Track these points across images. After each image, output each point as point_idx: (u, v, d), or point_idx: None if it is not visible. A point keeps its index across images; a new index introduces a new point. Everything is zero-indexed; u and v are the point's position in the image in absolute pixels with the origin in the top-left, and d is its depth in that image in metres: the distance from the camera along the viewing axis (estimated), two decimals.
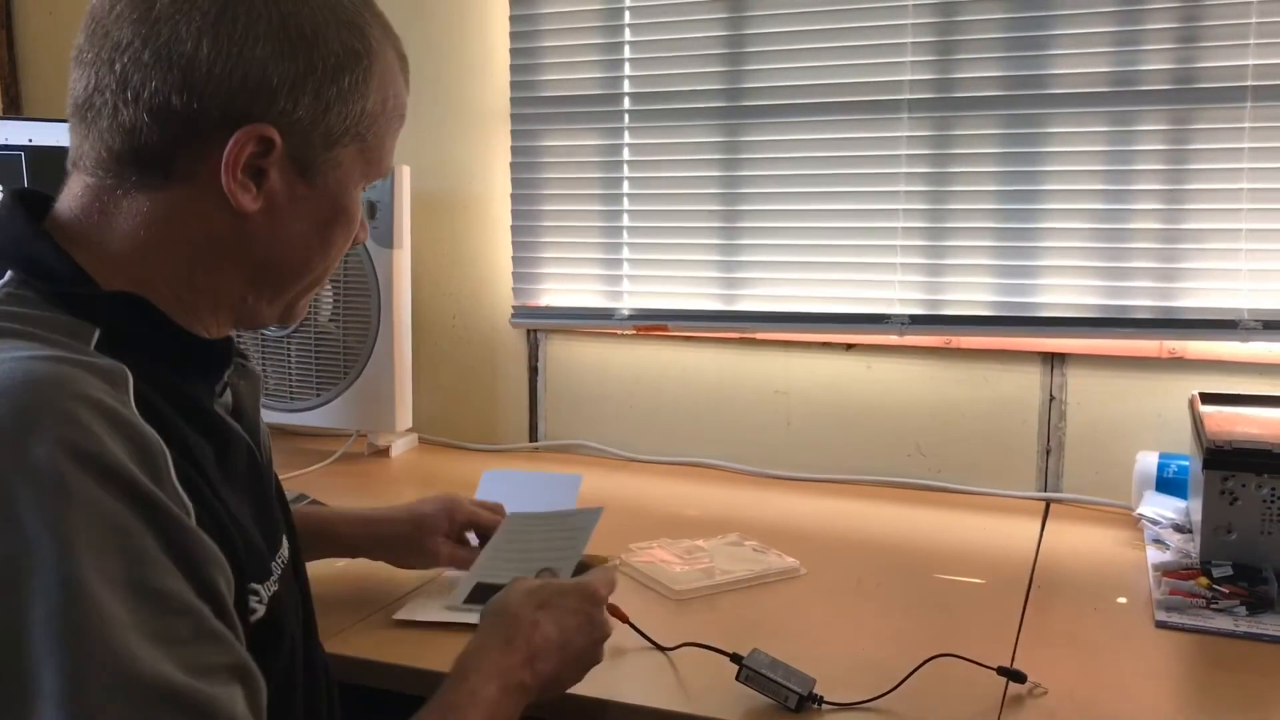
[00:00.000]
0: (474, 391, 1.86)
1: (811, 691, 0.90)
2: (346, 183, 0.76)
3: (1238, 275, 1.43)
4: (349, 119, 0.73)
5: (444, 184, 1.83)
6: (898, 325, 1.57)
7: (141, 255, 0.70)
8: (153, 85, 0.67)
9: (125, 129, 0.67)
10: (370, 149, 0.76)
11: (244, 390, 0.82)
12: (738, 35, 1.63)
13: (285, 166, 0.71)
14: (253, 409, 0.82)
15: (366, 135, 0.75)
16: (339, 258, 0.80)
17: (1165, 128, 1.44)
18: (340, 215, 0.76)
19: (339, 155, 0.74)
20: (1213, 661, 1.01)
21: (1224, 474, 1.18)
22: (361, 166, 0.77)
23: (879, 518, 1.47)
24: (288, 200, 0.73)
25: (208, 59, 0.67)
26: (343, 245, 0.79)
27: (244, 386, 0.82)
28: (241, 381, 0.82)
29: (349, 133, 0.74)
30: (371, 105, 0.75)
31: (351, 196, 0.77)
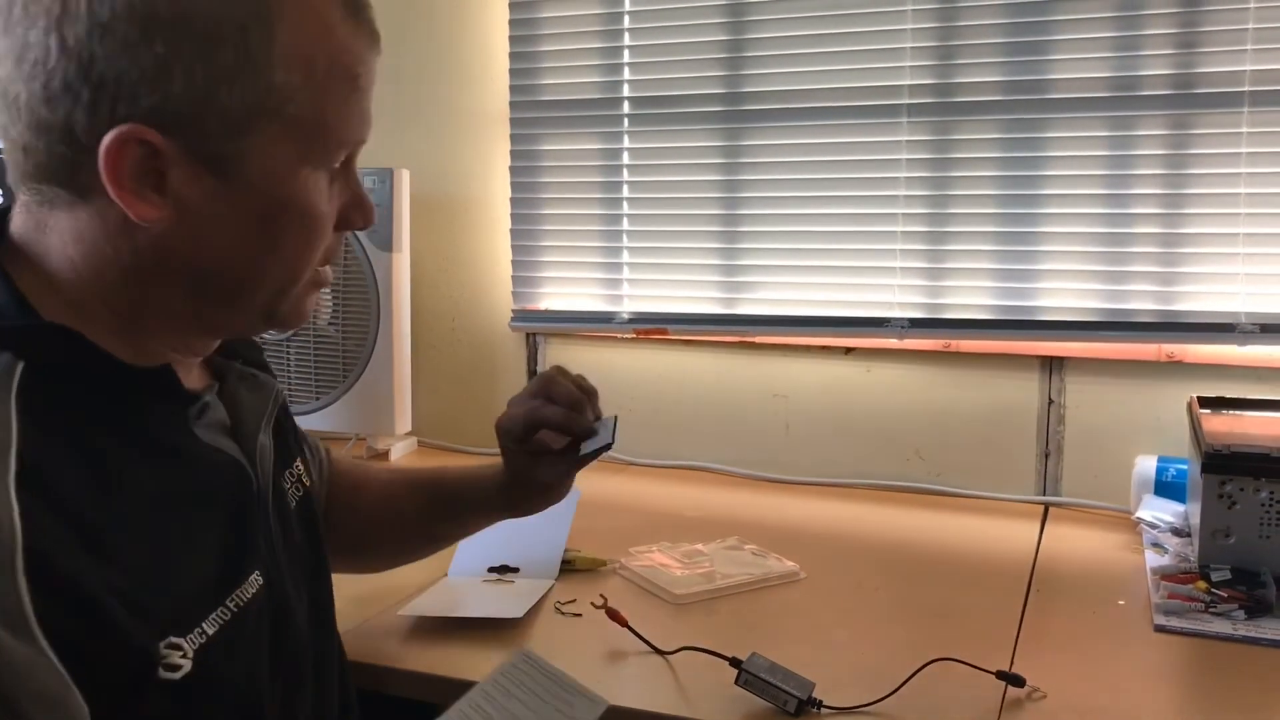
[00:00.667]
0: (473, 395, 1.86)
1: (810, 695, 0.90)
2: (278, 171, 0.66)
3: (1235, 279, 1.43)
4: (249, 98, 0.63)
5: (443, 187, 1.83)
6: (898, 329, 1.57)
7: (77, 275, 0.65)
8: (23, 99, 0.61)
9: (22, 147, 0.63)
10: (303, 126, 0.66)
11: (248, 403, 0.77)
12: (737, 40, 1.63)
13: (187, 166, 0.63)
14: (254, 424, 0.77)
15: (286, 111, 0.64)
16: (309, 255, 0.70)
17: (1164, 132, 1.45)
18: (282, 210, 0.67)
19: (253, 143, 0.64)
20: (1211, 665, 1.01)
21: (1222, 478, 1.18)
22: (297, 148, 0.66)
23: (878, 521, 1.47)
24: (204, 202, 0.64)
25: (60, 63, 0.60)
26: (305, 241, 0.69)
27: (250, 399, 0.77)
28: (248, 394, 0.77)
29: (257, 114, 0.63)
30: (283, 75, 0.64)
31: (292, 187, 0.67)
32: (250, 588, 0.70)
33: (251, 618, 0.70)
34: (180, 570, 0.64)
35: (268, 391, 0.80)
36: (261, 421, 0.77)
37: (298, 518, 0.83)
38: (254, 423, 0.77)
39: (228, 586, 0.68)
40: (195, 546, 0.67)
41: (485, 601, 1.14)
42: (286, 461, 0.84)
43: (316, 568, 0.84)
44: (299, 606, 0.77)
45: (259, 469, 0.75)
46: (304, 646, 0.77)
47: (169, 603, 0.63)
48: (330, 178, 0.70)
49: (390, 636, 1.06)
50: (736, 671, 0.92)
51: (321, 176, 0.69)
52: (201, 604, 0.66)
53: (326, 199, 0.70)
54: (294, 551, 0.80)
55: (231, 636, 0.67)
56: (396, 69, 1.82)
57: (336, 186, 0.71)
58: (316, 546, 0.85)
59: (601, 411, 1.01)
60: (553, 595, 1.16)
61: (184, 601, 0.64)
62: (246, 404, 0.77)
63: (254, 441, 0.76)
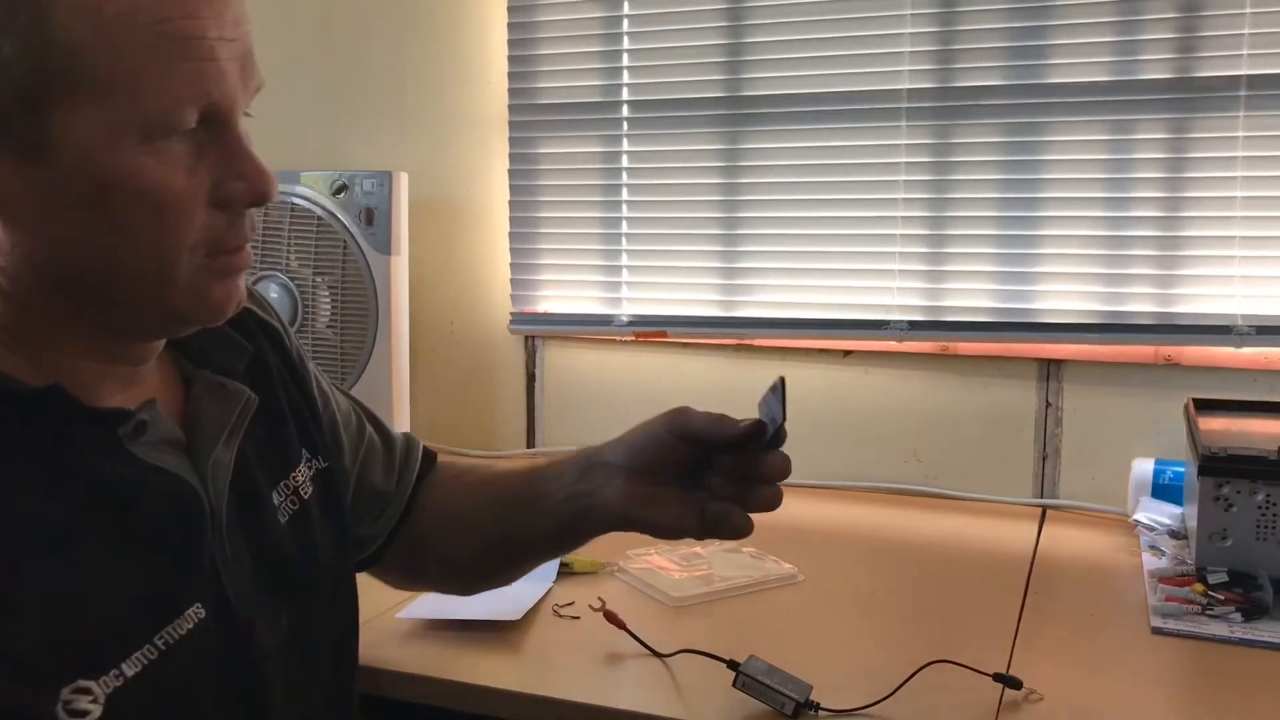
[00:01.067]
0: (471, 398, 1.86)
1: (808, 698, 0.90)
2: (93, 147, 0.58)
3: (1231, 281, 1.43)
4: (30, 64, 0.56)
5: (442, 190, 1.83)
6: (897, 331, 1.57)
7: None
8: None
9: None
10: (108, 90, 0.57)
11: (208, 415, 0.71)
12: (735, 40, 1.63)
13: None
14: (211, 438, 0.71)
15: (80, 74, 0.56)
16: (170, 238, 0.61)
17: (1162, 136, 1.45)
18: (111, 190, 0.59)
19: (58, 117, 0.57)
20: (1208, 667, 1.01)
21: (1219, 480, 1.18)
22: (108, 116, 0.58)
23: (876, 524, 1.47)
24: (28, 195, 0.58)
25: None
26: (156, 223, 0.61)
27: (211, 412, 0.72)
28: (211, 406, 0.72)
29: (47, 81, 0.56)
30: (64, 32, 0.56)
31: (115, 162, 0.58)
32: (186, 622, 0.65)
33: (188, 654, 0.64)
34: (90, 609, 0.60)
35: (234, 402, 0.73)
36: (221, 435, 0.71)
37: (290, 533, 0.77)
38: (211, 437, 0.71)
39: (156, 623, 0.63)
40: (111, 582, 0.61)
41: (483, 604, 1.14)
42: (279, 472, 0.79)
43: (309, 589, 0.78)
44: (268, 633, 0.72)
45: (210, 488, 0.69)
46: (270, 677, 0.71)
47: (75, 646, 0.58)
48: (194, 147, 0.62)
49: (389, 639, 1.06)
50: (734, 674, 0.92)
51: (168, 146, 0.60)
52: (119, 643, 0.61)
53: (182, 171, 0.61)
54: (272, 573, 0.74)
55: (160, 676, 0.62)
56: (396, 72, 1.82)
57: (209, 156, 0.63)
58: (316, 565, 0.79)
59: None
60: (551, 598, 1.16)
61: (95, 643, 0.59)
62: (206, 416, 0.71)
63: (207, 458, 0.70)
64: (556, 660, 1.03)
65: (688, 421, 0.81)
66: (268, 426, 0.77)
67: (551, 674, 1.01)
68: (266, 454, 0.77)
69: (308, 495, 0.81)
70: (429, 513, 0.96)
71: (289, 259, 1.70)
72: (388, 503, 0.94)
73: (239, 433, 0.73)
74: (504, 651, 1.04)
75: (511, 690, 0.96)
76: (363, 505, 0.93)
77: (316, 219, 1.69)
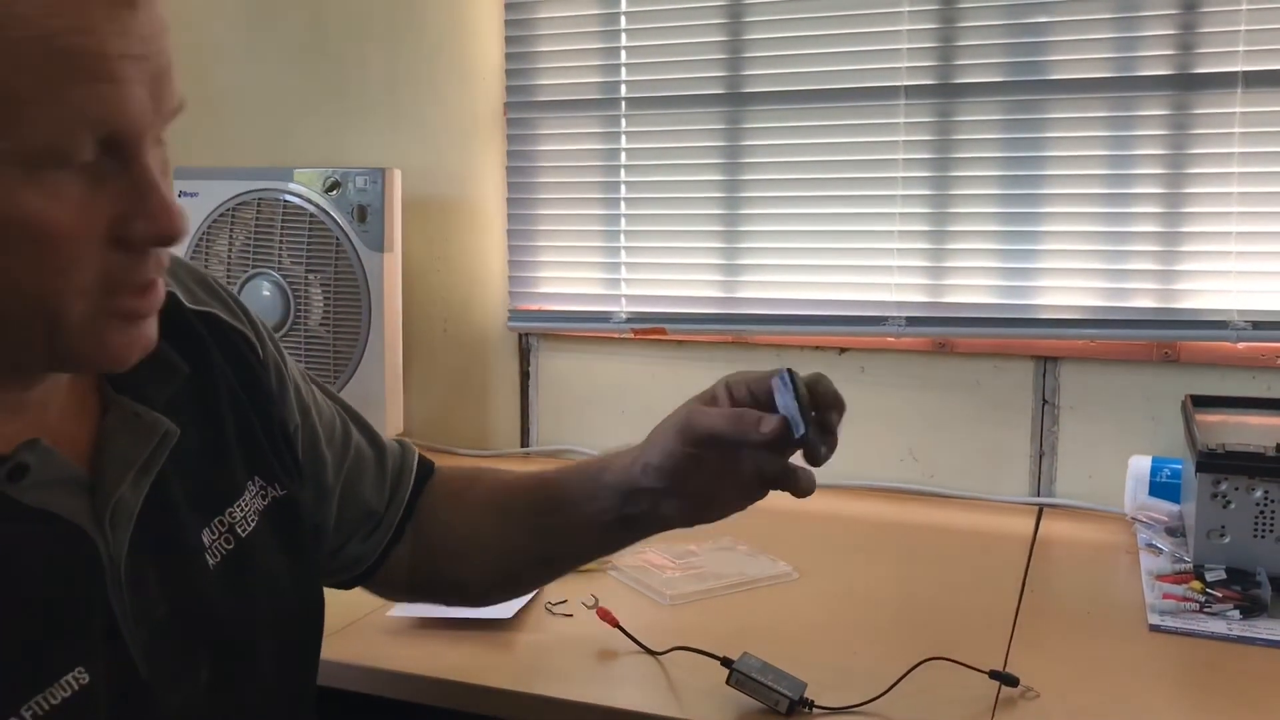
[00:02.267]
0: (465, 396, 1.85)
1: (802, 695, 0.90)
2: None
3: (1228, 276, 1.43)
4: None
5: (435, 187, 1.82)
6: (895, 327, 1.56)
7: None
8: None
9: None
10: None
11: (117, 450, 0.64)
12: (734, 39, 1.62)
13: None
14: (116, 475, 0.63)
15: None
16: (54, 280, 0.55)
17: (1159, 132, 1.44)
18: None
19: None
20: (1207, 665, 1.01)
21: (1217, 477, 1.18)
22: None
23: (871, 523, 1.46)
24: None
25: None
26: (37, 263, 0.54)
27: (120, 446, 0.64)
28: (122, 439, 0.65)
29: None
30: None
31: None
32: (63, 690, 0.58)
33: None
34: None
35: (150, 435, 0.65)
36: (129, 474, 0.64)
37: (219, 577, 0.69)
38: (116, 475, 0.63)
39: (24, 693, 0.57)
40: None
41: None
42: (213, 508, 0.71)
43: (244, 635, 0.71)
44: (175, 693, 0.65)
45: (109, 534, 0.62)
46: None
47: None
48: (91, 178, 0.55)
49: (381, 637, 1.05)
50: (728, 672, 0.92)
51: (54, 178, 0.53)
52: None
53: (72, 206, 0.54)
54: (189, 625, 0.66)
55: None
56: (388, 70, 1.81)
57: (109, 188, 0.56)
58: (253, 608, 0.72)
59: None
60: (544, 595, 1.15)
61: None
62: (115, 452, 0.64)
63: (108, 500, 0.62)
64: (550, 658, 1.03)
65: (705, 427, 0.77)
66: (201, 457, 0.70)
67: (545, 672, 1.00)
68: (197, 489, 0.70)
69: (246, 532, 0.73)
70: (431, 530, 0.90)
71: (281, 257, 1.69)
72: (379, 520, 0.89)
73: (152, 470, 0.66)
74: (497, 649, 1.03)
75: (506, 689, 0.95)
76: (350, 522, 0.87)
77: (309, 216, 1.68)
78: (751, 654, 0.93)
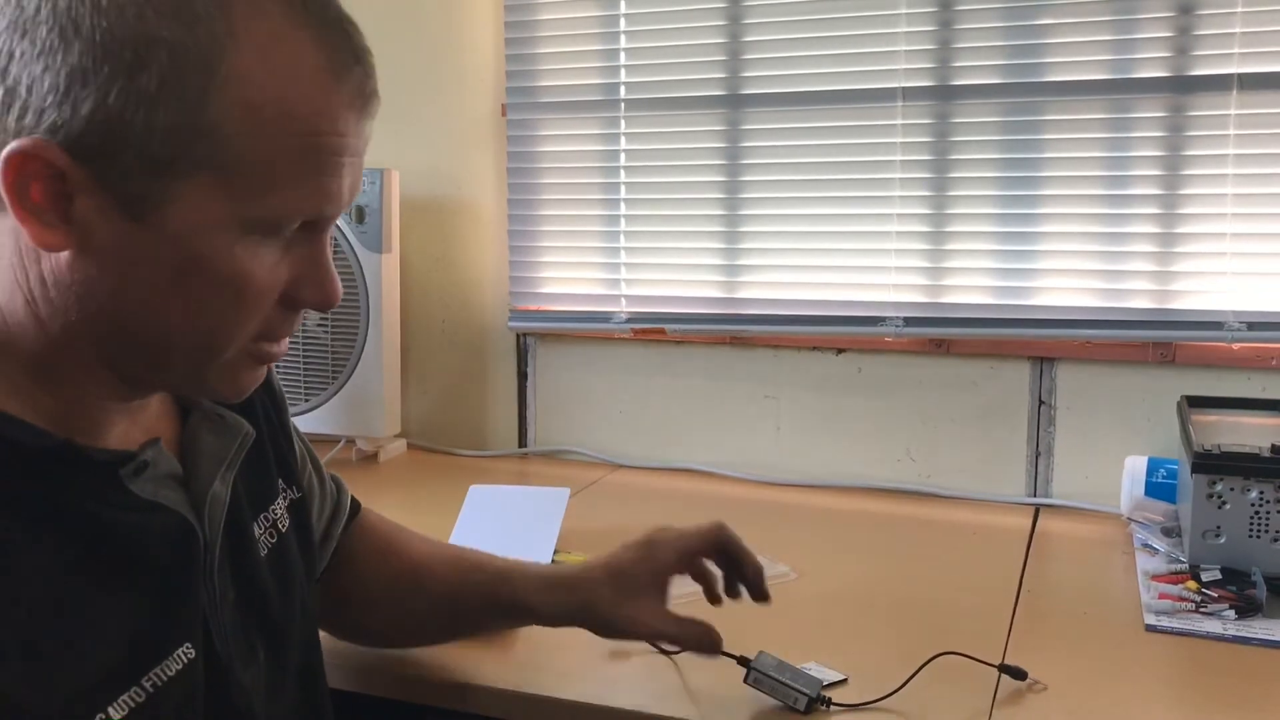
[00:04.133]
0: (463, 397, 1.85)
1: (820, 693, 0.91)
2: (203, 226, 0.57)
3: (1223, 277, 1.43)
4: (173, 135, 0.55)
5: (432, 188, 1.82)
6: (893, 327, 1.57)
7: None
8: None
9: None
10: (240, 181, 0.57)
11: (207, 449, 0.70)
12: (733, 41, 1.62)
13: (95, 197, 0.56)
14: (209, 472, 0.70)
15: (218, 159, 0.56)
16: (234, 327, 0.62)
17: (1155, 134, 1.45)
18: (199, 269, 0.58)
19: (178, 188, 0.56)
20: (1202, 665, 1.01)
21: (1212, 478, 1.19)
22: (229, 205, 0.57)
23: (868, 523, 1.47)
24: (112, 241, 0.57)
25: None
26: (228, 311, 0.60)
27: (210, 444, 0.71)
28: (210, 438, 0.71)
29: (182, 155, 0.56)
30: (219, 117, 0.56)
31: (216, 246, 0.58)
32: (175, 664, 0.64)
33: (176, 697, 0.64)
34: (82, 653, 0.59)
35: (233, 435, 0.72)
36: (220, 470, 0.70)
37: (269, 567, 0.76)
38: (209, 471, 0.70)
39: (144, 665, 0.62)
40: (100, 627, 0.60)
41: None
42: (261, 504, 0.78)
43: (285, 621, 0.77)
44: (246, 672, 0.71)
45: (207, 524, 0.69)
46: (253, 715, 0.71)
47: (65, 690, 0.57)
48: (282, 246, 0.62)
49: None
50: (745, 670, 0.92)
51: (262, 242, 0.60)
52: (107, 688, 0.60)
53: (267, 267, 0.61)
54: (253, 608, 0.73)
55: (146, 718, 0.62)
56: (386, 70, 1.80)
57: (292, 256, 0.63)
58: (290, 598, 0.78)
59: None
60: None
61: (83, 686, 0.59)
62: (205, 450, 0.70)
63: (205, 493, 0.69)
64: (560, 660, 1.03)
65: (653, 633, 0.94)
66: (253, 458, 0.76)
67: (558, 673, 1.00)
68: (252, 487, 0.76)
69: (285, 528, 0.80)
70: (352, 573, 0.95)
71: None
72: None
73: (235, 466, 0.72)
74: (504, 651, 1.03)
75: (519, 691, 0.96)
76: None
77: None
78: (768, 652, 0.93)
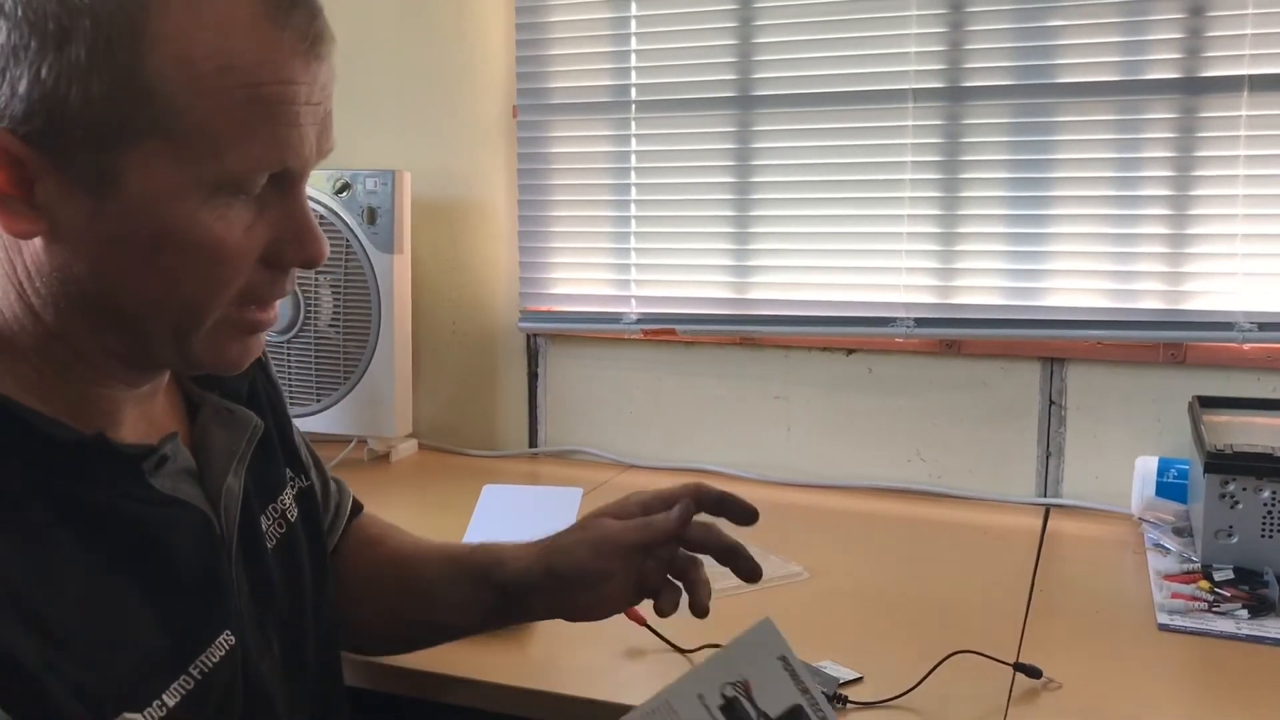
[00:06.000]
0: (474, 397, 1.86)
1: (836, 691, 0.91)
2: (160, 194, 0.57)
3: (1234, 278, 1.44)
4: (112, 104, 0.54)
5: (443, 189, 1.83)
6: (903, 328, 1.57)
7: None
8: None
9: None
10: (189, 143, 0.56)
11: (219, 443, 0.71)
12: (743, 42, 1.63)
13: (55, 178, 0.56)
14: (222, 466, 0.70)
15: (164, 124, 0.55)
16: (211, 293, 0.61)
17: (1166, 135, 1.45)
18: (166, 238, 0.57)
19: (130, 158, 0.56)
20: (1216, 664, 1.02)
21: (1225, 478, 1.19)
22: (183, 169, 0.56)
23: (879, 524, 1.47)
24: (80, 222, 0.57)
25: None
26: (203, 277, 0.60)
27: (221, 439, 0.71)
28: (220, 432, 0.71)
29: (127, 124, 0.55)
30: (155, 80, 0.54)
31: (179, 212, 0.57)
32: (218, 650, 0.65)
33: (222, 682, 0.65)
34: (131, 643, 0.60)
35: (243, 428, 0.73)
36: (232, 464, 0.71)
37: (276, 559, 0.76)
38: (222, 465, 0.70)
39: (190, 653, 0.64)
40: (140, 617, 0.61)
41: None
42: (269, 496, 0.78)
43: (295, 612, 0.77)
44: (264, 659, 0.72)
45: (223, 516, 0.69)
46: (274, 700, 0.72)
47: (120, 679, 0.58)
48: (255, 206, 0.61)
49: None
50: None
51: (230, 203, 0.59)
52: (159, 675, 0.61)
53: (240, 229, 0.60)
54: (266, 599, 0.73)
55: (199, 704, 0.63)
56: (398, 71, 1.82)
57: (268, 215, 0.62)
58: (299, 589, 0.78)
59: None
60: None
61: (137, 675, 0.60)
62: (217, 444, 0.71)
63: (220, 486, 0.69)
64: (574, 658, 1.03)
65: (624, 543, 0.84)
66: (259, 450, 0.76)
67: (574, 671, 1.00)
68: (259, 479, 0.76)
69: (294, 517, 0.80)
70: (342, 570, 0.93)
71: None
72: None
73: (245, 460, 0.72)
74: (519, 649, 1.04)
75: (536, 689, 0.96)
76: None
77: (319, 218, 1.68)
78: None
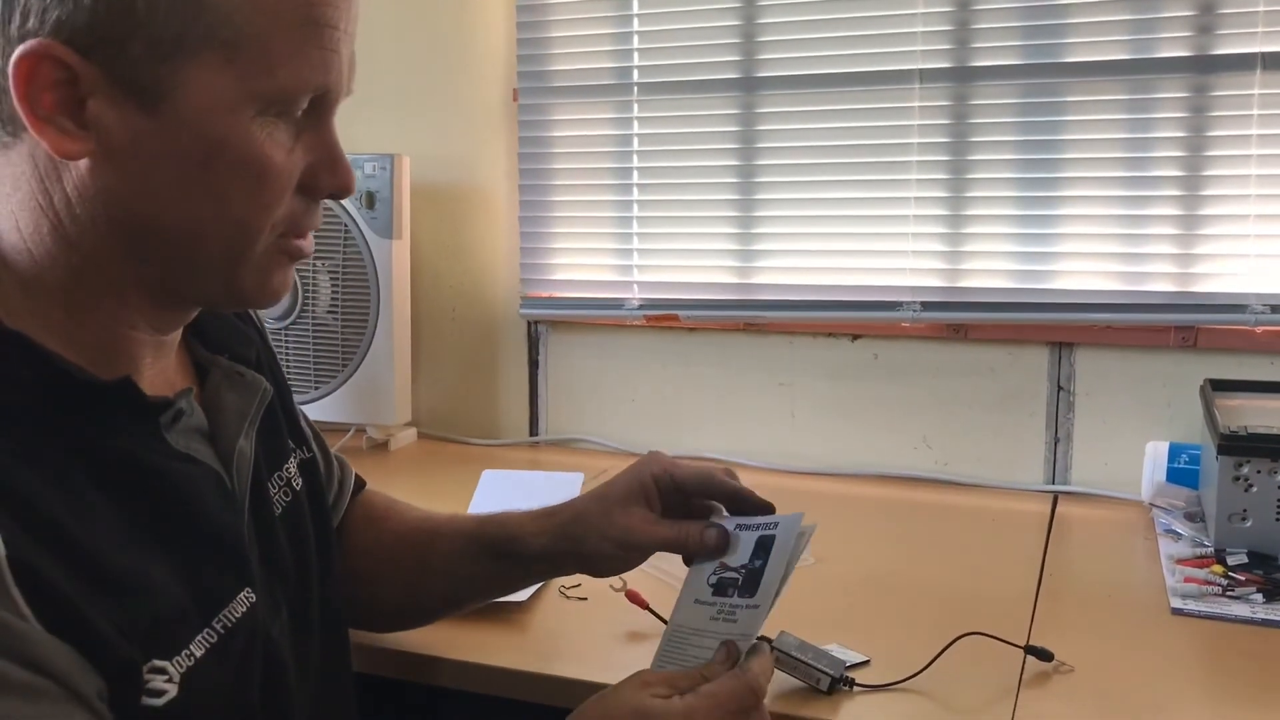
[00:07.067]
0: (474, 384, 1.84)
1: (843, 673, 0.89)
2: (216, 107, 0.58)
3: (1246, 259, 1.42)
4: (175, 15, 0.55)
5: (444, 174, 1.81)
6: (910, 312, 1.55)
7: (21, 236, 0.60)
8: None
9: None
10: (245, 57, 0.58)
11: (230, 405, 0.71)
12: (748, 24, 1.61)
13: (108, 93, 0.56)
14: (234, 428, 0.71)
15: (221, 35, 0.57)
16: (261, 211, 0.62)
17: (1177, 115, 1.43)
18: (220, 152, 0.59)
19: (187, 71, 0.57)
20: (1231, 648, 1.00)
21: (1238, 460, 1.17)
22: (239, 83, 0.58)
23: (885, 511, 1.45)
24: (131, 138, 0.57)
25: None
26: (254, 194, 0.61)
27: (232, 401, 0.72)
28: (231, 395, 0.72)
29: (187, 35, 0.56)
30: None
31: (233, 127, 0.59)
32: (240, 606, 0.66)
33: (243, 637, 0.66)
34: (159, 590, 0.60)
35: (253, 391, 0.73)
36: (244, 425, 0.71)
37: (283, 525, 0.77)
38: (234, 427, 0.71)
39: (214, 605, 0.64)
40: (171, 564, 0.62)
41: None
42: (275, 464, 0.78)
43: (301, 580, 0.78)
44: (275, 622, 0.72)
45: (235, 477, 0.70)
46: (285, 660, 0.72)
47: (149, 625, 0.59)
48: (294, 130, 0.63)
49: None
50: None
51: (275, 124, 0.61)
52: (187, 625, 0.62)
53: (284, 151, 0.62)
54: (274, 563, 0.74)
55: (224, 656, 0.63)
56: (397, 55, 1.80)
57: (304, 141, 0.64)
58: (305, 557, 0.79)
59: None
60: (557, 579, 1.13)
61: (165, 623, 0.60)
62: (229, 406, 0.71)
63: (232, 447, 0.70)
64: (577, 642, 1.02)
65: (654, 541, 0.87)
66: (265, 419, 0.76)
67: (575, 656, 0.99)
68: (267, 446, 0.76)
69: (299, 487, 0.81)
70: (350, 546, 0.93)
71: None
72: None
73: (256, 423, 0.73)
74: (519, 633, 1.02)
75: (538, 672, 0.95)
76: None
77: None
78: (789, 632, 0.92)
